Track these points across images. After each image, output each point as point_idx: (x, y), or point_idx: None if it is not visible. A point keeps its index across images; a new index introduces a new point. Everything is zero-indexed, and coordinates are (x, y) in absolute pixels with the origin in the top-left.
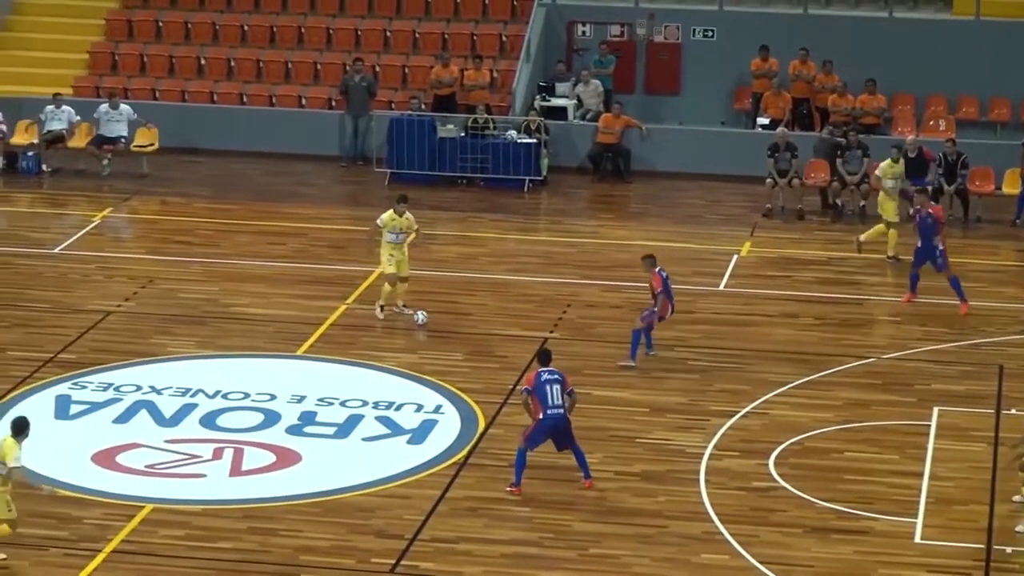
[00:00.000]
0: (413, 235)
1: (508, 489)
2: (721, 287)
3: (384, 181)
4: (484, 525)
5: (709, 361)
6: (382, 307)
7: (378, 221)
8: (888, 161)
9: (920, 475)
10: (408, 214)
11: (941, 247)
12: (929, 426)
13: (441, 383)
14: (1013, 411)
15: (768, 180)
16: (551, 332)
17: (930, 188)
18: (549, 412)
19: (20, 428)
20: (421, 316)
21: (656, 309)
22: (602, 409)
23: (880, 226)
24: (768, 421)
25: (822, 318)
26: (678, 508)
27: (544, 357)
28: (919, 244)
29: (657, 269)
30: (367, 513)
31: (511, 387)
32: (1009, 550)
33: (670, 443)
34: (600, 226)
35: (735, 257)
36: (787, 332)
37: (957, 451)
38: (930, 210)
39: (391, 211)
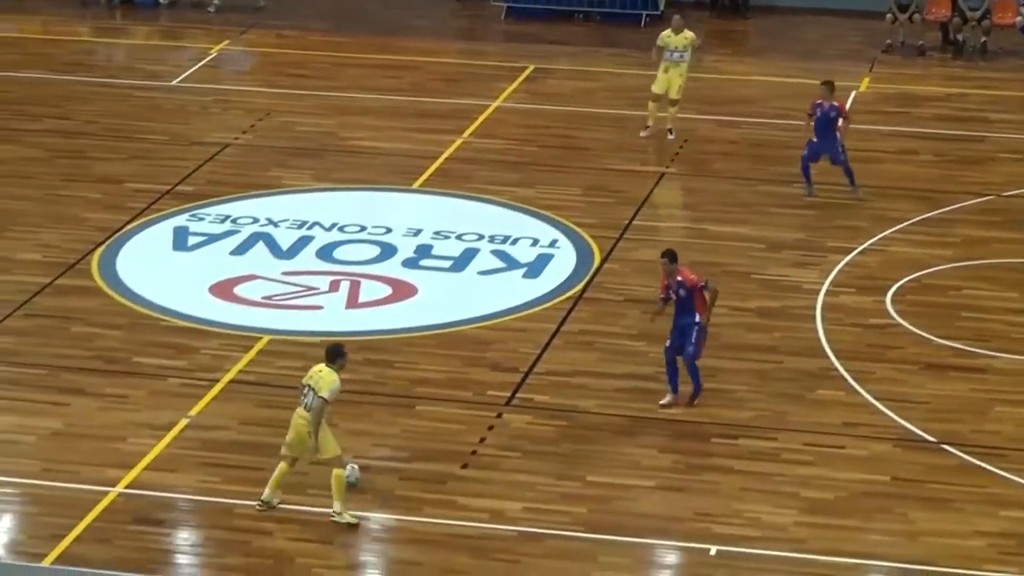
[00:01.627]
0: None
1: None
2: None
3: (500, 16)
4: (598, 359)
5: (826, 197)
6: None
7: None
8: None
9: None
10: (687, 32)
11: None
12: None
13: (557, 218)
14: None
15: (888, 15)
16: (667, 167)
17: None
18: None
19: (336, 354)
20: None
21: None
22: (718, 245)
23: None
24: (885, 258)
25: (941, 155)
26: (794, 344)
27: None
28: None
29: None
30: (483, 346)
31: (627, 222)
32: None
33: (786, 279)
34: (717, 61)
35: (854, 93)
36: (906, 168)
37: None
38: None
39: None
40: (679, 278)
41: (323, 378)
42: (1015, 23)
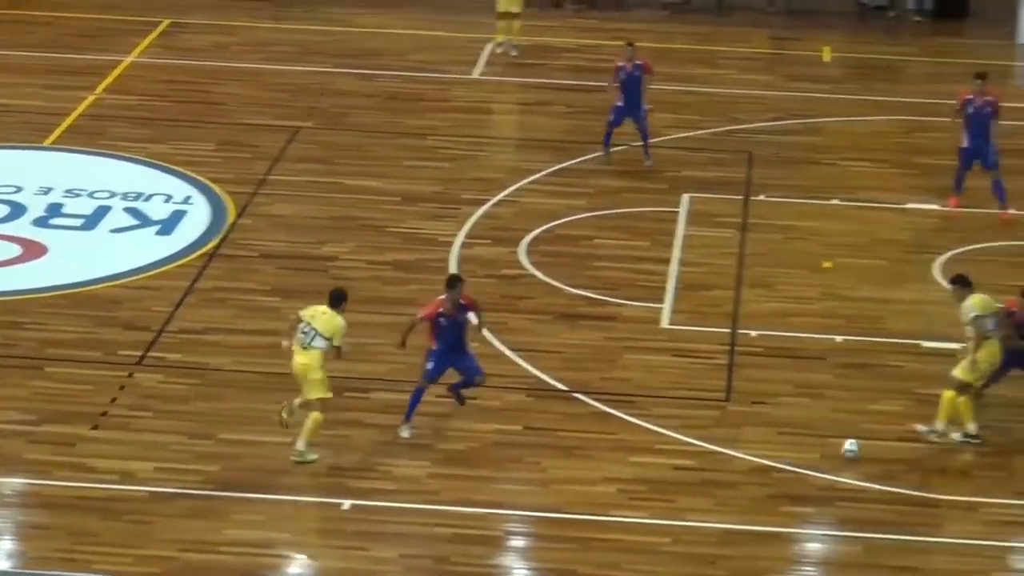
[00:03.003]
0: None
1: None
2: (475, 75)
3: None
4: (233, 316)
5: (461, 149)
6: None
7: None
8: None
9: (668, 261)
10: None
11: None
12: (678, 213)
13: (191, 174)
14: (762, 197)
15: None
16: (303, 122)
17: None
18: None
19: (341, 299)
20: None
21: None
22: (354, 199)
23: None
24: (519, 209)
25: (574, 106)
26: (429, 296)
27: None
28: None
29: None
30: (115, 305)
31: (261, 177)
32: (754, 333)
33: (421, 232)
34: (353, 14)
35: (489, 45)
36: (540, 120)
37: (706, 237)
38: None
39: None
40: (463, 302)
41: (328, 322)
42: None
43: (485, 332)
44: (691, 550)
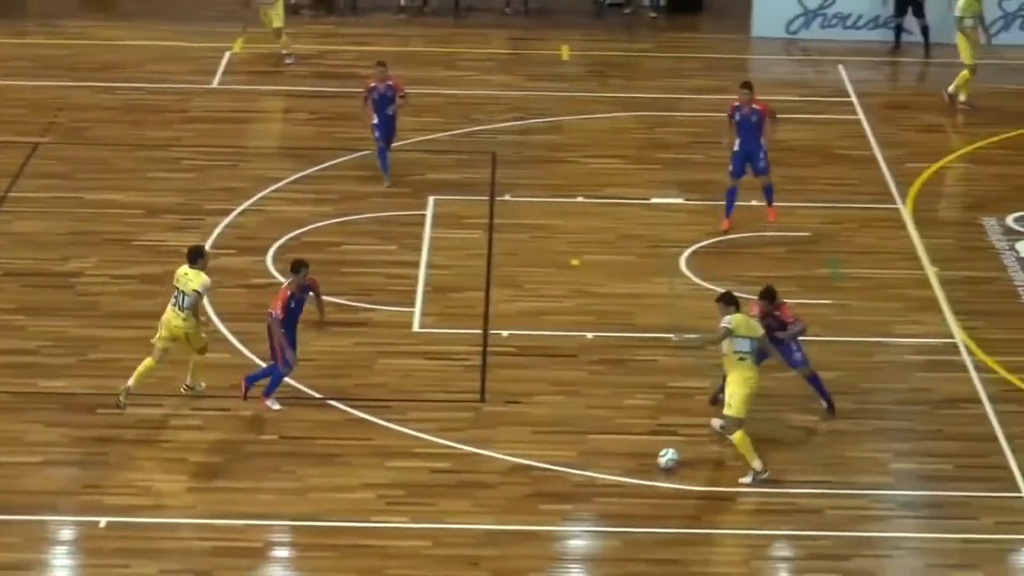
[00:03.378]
0: None
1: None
2: (215, 84)
3: None
4: None
5: (204, 159)
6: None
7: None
8: None
9: (417, 264)
10: None
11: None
12: (425, 215)
13: None
14: (507, 197)
15: None
16: (43, 136)
17: None
18: None
19: (198, 255)
20: None
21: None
22: (97, 213)
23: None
24: (265, 218)
25: (317, 112)
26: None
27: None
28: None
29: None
30: None
31: (1, 194)
32: (505, 333)
33: (167, 244)
34: (90, 27)
35: (228, 54)
36: (282, 127)
37: (453, 239)
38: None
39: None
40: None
41: (191, 279)
42: None
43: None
44: (453, 552)
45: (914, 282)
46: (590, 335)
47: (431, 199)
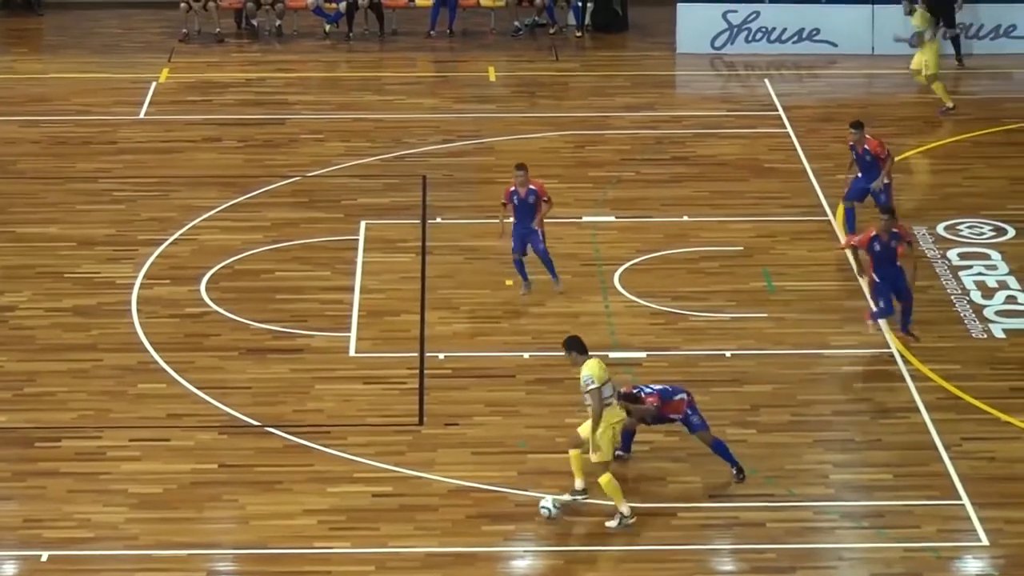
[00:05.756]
0: None
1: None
2: (141, 115)
3: None
4: None
5: (134, 190)
6: None
7: None
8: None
9: (351, 289)
10: None
11: (887, 181)
12: (357, 240)
13: None
14: (439, 219)
15: (183, 4)
16: None
17: (344, 3)
18: None
19: (583, 346)
20: None
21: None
22: (28, 247)
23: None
24: (197, 246)
25: (245, 139)
26: (112, 340)
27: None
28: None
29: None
30: None
31: None
32: (442, 356)
33: (100, 275)
34: (13, 61)
35: (154, 84)
36: (211, 156)
37: (386, 263)
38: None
39: None
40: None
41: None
42: (307, 4)
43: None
44: None
45: (848, 293)
46: (527, 355)
47: (362, 223)
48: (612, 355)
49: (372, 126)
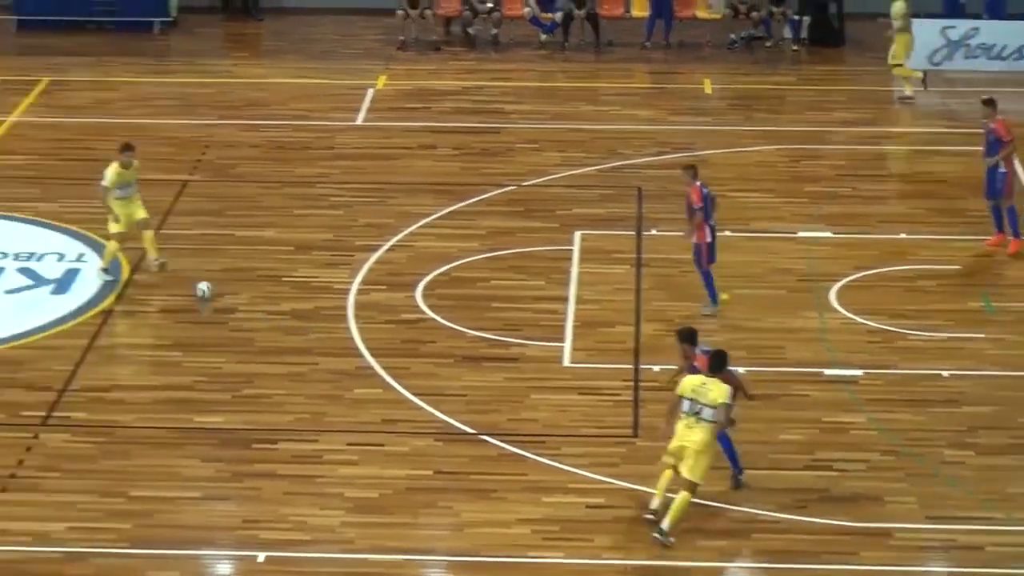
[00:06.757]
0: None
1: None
2: (359, 121)
3: (11, 28)
4: (134, 372)
5: (351, 196)
6: (105, 269)
7: (104, 183)
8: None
9: (566, 299)
10: (135, 161)
11: (1003, 169)
12: (572, 250)
13: (83, 231)
14: (654, 231)
15: (400, 12)
16: (191, 175)
17: (560, 14)
18: None
19: (724, 361)
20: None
21: (694, 239)
22: (247, 250)
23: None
24: (414, 253)
25: (461, 148)
26: (328, 345)
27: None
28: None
29: (698, 183)
30: (15, 366)
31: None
32: (656, 368)
33: (317, 280)
34: (234, 65)
35: (371, 91)
36: (427, 163)
37: (601, 274)
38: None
39: (115, 165)
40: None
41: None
42: (523, 14)
43: None
44: None
45: None
46: (742, 369)
47: (577, 234)
48: (828, 372)
49: (587, 136)
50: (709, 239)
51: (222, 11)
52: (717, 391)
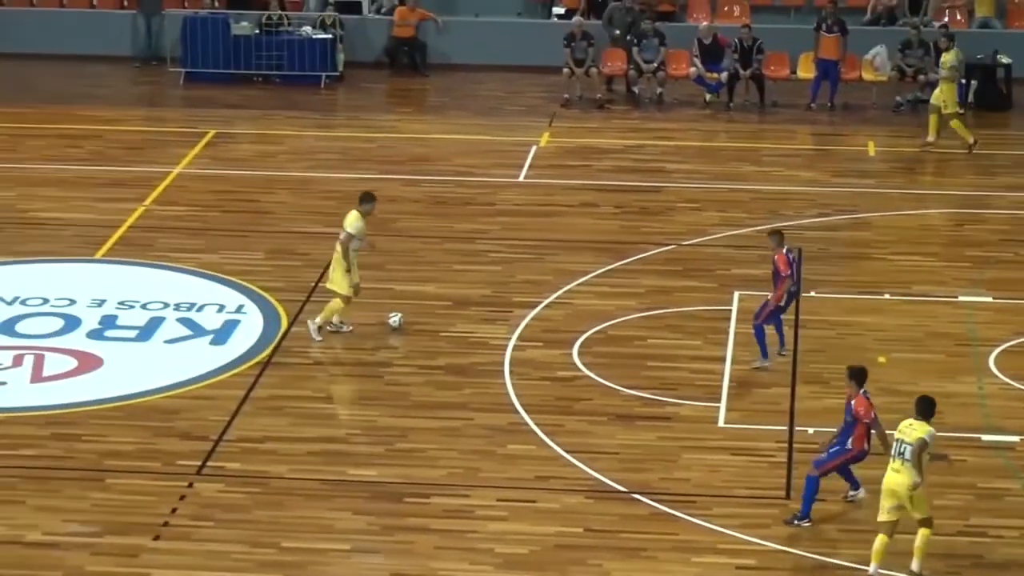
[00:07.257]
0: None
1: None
2: (521, 178)
3: (179, 81)
4: (289, 424)
5: (510, 252)
6: (320, 328)
7: (350, 230)
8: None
9: (722, 360)
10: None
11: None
12: (730, 311)
13: (242, 283)
14: (812, 293)
15: (565, 70)
16: None
17: (726, 74)
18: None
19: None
20: (395, 319)
21: (770, 299)
22: (405, 304)
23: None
24: (571, 311)
25: (622, 206)
26: (483, 400)
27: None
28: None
29: (784, 249)
30: (171, 415)
31: (313, 285)
32: (811, 431)
33: (474, 335)
34: (398, 120)
35: (534, 148)
36: (587, 221)
37: None
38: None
39: (355, 213)
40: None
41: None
42: (688, 74)
43: None
44: None
45: None
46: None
47: (736, 294)
48: (985, 438)
49: (749, 197)
50: (783, 303)
51: (389, 67)
52: (921, 429)
